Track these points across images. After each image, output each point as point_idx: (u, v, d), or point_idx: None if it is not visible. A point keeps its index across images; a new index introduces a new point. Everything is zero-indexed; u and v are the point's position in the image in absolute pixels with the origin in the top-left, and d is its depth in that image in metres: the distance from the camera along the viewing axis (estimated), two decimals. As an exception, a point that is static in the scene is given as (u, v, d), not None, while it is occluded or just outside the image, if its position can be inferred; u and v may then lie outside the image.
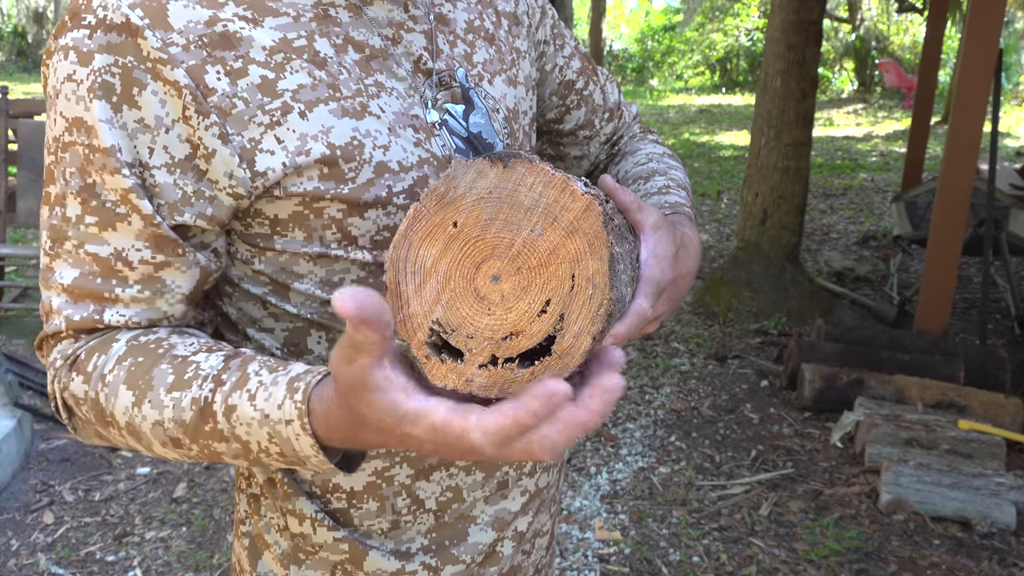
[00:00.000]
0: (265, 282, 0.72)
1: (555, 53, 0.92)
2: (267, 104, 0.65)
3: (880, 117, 13.36)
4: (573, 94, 0.95)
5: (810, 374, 3.39)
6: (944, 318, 3.83)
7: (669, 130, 12.44)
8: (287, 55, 0.67)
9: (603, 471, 3.00)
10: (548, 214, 0.52)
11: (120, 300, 0.66)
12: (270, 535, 0.80)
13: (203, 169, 0.66)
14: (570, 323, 0.52)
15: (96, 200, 0.65)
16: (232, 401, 0.60)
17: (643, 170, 0.92)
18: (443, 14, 0.79)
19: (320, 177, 0.67)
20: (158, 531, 2.60)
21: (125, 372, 0.64)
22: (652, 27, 21.62)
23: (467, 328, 0.52)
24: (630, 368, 3.93)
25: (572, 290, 0.52)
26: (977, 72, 3.57)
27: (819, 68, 4.70)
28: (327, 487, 0.76)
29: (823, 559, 2.49)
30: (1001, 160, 6.28)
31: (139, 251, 0.66)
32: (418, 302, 0.53)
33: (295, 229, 0.69)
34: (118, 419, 0.64)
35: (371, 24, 0.72)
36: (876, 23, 16.89)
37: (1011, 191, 4.85)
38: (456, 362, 0.53)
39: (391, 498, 0.76)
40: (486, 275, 0.52)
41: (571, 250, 0.51)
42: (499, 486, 0.81)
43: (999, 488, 2.68)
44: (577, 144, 0.99)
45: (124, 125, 0.64)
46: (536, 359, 0.53)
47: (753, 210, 4.71)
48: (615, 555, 2.52)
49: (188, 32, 0.64)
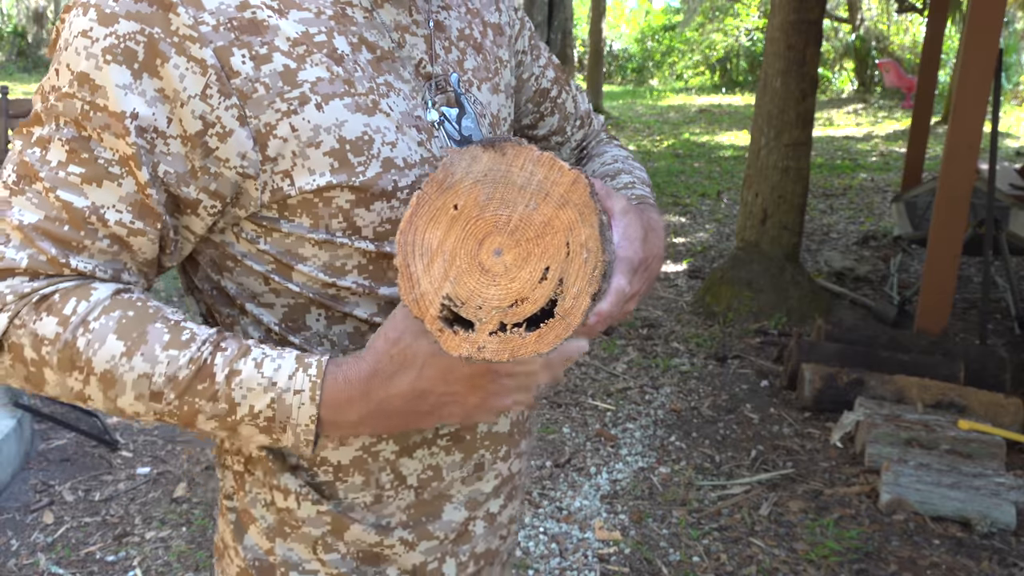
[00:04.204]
0: (269, 260, 0.74)
1: (532, 63, 0.98)
2: (287, 92, 0.68)
3: (880, 117, 13.36)
4: (547, 102, 1.00)
5: (810, 374, 3.39)
6: (944, 318, 3.84)
7: (669, 130, 12.44)
8: (308, 48, 0.70)
9: (603, 471, 3.00)
10: (540, 190, 0.56)
11: (87, 249, 0.67)
12: (256, 510, 0.82)
13: (212, 147, 0.67)
14: (569, 286, 0.57)
15: (88, 153, 0.66)
16: (237, 366, 0.67)
17: (610, 169, 0.98)
18: (440, 21, 0.82)
19: (332, 171, 0.70)
20: (158, 531, 2.60)
21: (115, 323, 0.66)
22: (652, 27, 21.61)
23: (476, 300, 0.57)
24: (630, 368, 3.93)
25: (568, 256, 0.56)
26: (977, 72, 3.57)
27: (819, 68, 4.70)
28: (314, 460, 0.79)
29: (823, 559, 2.49)
30: (1001, 160, 6.28)
31: (119, 213, 0.67)
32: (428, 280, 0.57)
33: (302, 215, 0.71)
34: (95, 366, 0.66)
35: (381, 27, 0.76)
36: (876, 23, 16.89)
37: (1011, 191, 4.85)
38: (468, 332, 0.57)
39: (376, 473, 0.80)
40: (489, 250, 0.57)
41: (564, 220, 0.56)
42: (476, 468, 0.85)
43: (999, 488, 2.68)
44: (549, 149, 1.04)
45: (144, 92, 0.65)
46: (541, 322, 0.57)
47: (753, 210, 4.71)
48: (615, 555, 2.52)
49: (220, 14, 0.66)
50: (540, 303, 0.57)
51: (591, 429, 3.32)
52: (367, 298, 0.76)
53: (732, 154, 10.11)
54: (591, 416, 3.44)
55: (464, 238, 0.57)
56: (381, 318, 0.76)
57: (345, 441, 0.78)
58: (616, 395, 3.64)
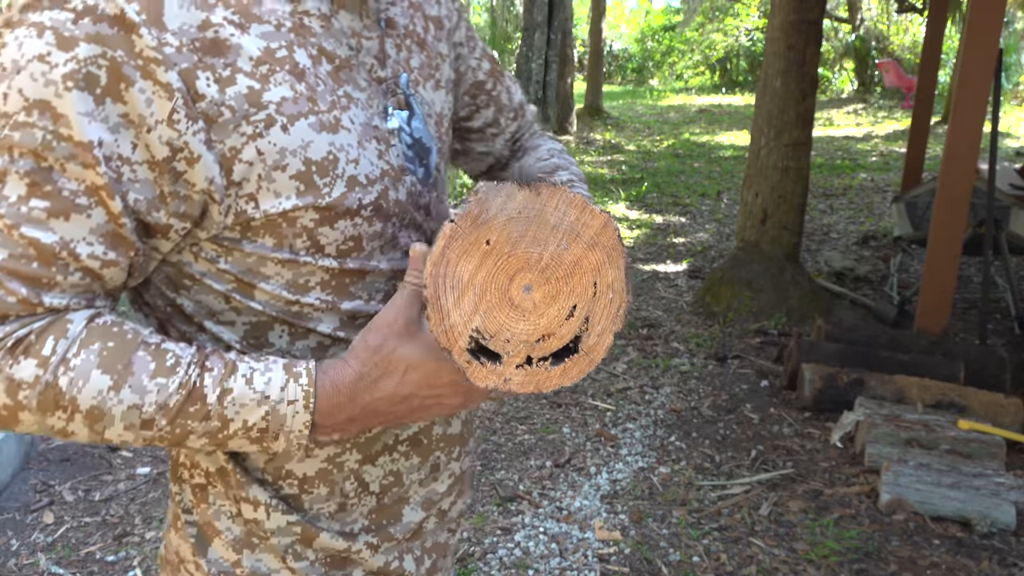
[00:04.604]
0: (230, 279, 0.73)
1: (469, 54, 0.97)
2: (252, 115, 0.67)
3: (880, 117, 13.36)
4: (483, 94, 1.01)
5: (810, 374, 3.39)
6: (944, 318, 3.83)
7: (669, 130, 12.44)
8: (271, 66, 0.68)
9: (603, 471, 3.00)
10: (572, 231, 0.58)
11: (59, 285, 0.64)
12: (220, 522, 0.81)
13: (181, 171, 0.66)
14: (594, 324, 0.60)
15: (51, 186, 0.62)
16: (228, 385, 0.67)
17: (547, 165, 0.99)
18: (391, 18, 0.81)
19: (297, 194, 0.69)
20: (158, 531, 2.60)
21: (97, 356, 0.65)
22: (652, 27, 21.62)
23: (504, 333, 0.59)
24: (630, 368, 3.93)
25: (595, 296, 0.59)
26: (977, 72, 3.57)
27: (819, 68, 4.70)
28: (279, 474, 0.79)
29: (823, 559, 2.49)
30: (1001, 160, 6.28)
31: (90, 245, 0.64)
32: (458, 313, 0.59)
33: (265, 235, 0.71)
34: (80, 403, 0.64)
35: (339, 34, 0.74)
36: (876, 23, 16.89)
37: (1011, 191, 4.85)
38: (495, 364, 0.60)
39: (340, 482, 0.81)
40: (519, 286, 0.58)
41: (592, 261, 0.59)
42: (432, 469, 0.87)
43: (999, 488, 2.68)
44: (484, 141, 1.05)
45: (106, 118, 0.62)
46: (566, 357, 0.60)
47: (753, 210, 4.71)
48: (615, 555, 2.52)
49: (182, 34, 0.64)
50: (566, 339, 0.60)
51: (591, 429, 3.32)
52: (330, 313, 0.76)
53: (732, 154, 10.11)
54: (591, 416, 3.44)
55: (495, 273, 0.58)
56: (344, 332, 0.77)
57: (310, 453, 0.79)
58: (616, 395, 3.64)
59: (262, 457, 0.79)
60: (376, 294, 0.78)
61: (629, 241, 6.21)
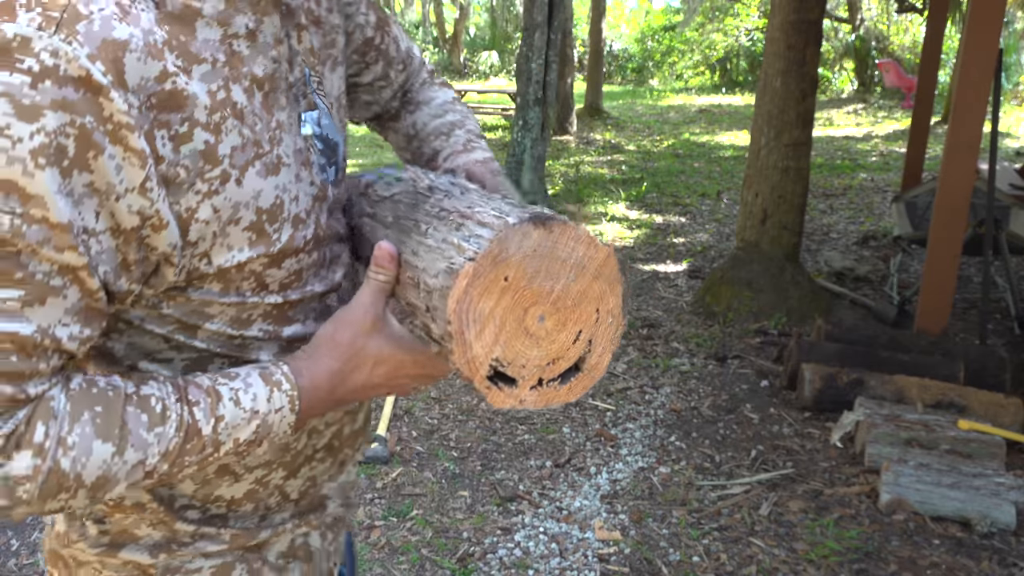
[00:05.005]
0: (171, 322, 0.71)
1: (356, 12, 0.94)
2: (207, 172, 0.63)
3: (880, 117, 13.35)
4: (372, 50, 0.98)
5: (810, 374, 3.39)
6: (944, 318, 3.83)
7: (669, 130, 12.44)
8: (222, 114, 0.65)
9: (603, 471, 3.00)
10: (579, 264, 0.64)
11: (40, 373, 0.60)
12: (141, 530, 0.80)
13: (145, 237, 0.62)
14: (596, 346, 0.66)
15: (22, 272, 0.56)
16: (219, 413, 0.68)
17: (443, 124, 1.01)
18: (289, 4, 0.75)
19: (250, 244, 0.68)
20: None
21: (91, 427, 0.61)
22: (652, 27, 21.62)
23: (520, 360, 0.64)
24: (630, 368, 3.93)
25: (597, 321, 0.66)
26: (977, 72, 3.57)
27: (819, 68, 4.70)
28: (208, 498, 0.80)
29: (823, 559, 2.48)
30: (1001, 160, 6.28)
31: (67, 327, 0.60)
32: (479, 345, 0.63)
33: (213, 282, 0.69)
34: (86, 478, 0.62)
35: (264, 49, 0.70)
36: (876, 23, 16.89)
37: (1011, 191, 4.85)
38: (511, 388, 0.65)
39: (265, 499, 0.83)
40: (534, 316, 0.64)
41: (596, 290, 0.65)
42: (340, 464, 0.90)
43: (999, 488, 2.68)
44: (371, 93, 1.03)
45: (71, 191, 0.56)
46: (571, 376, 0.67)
47: (753, 210, 4.71)
48: (615, 555, 2.52)
49: (141, 91, 0.59)
50: (572, 360, 0.66)
51: (591, 429, 3.32)
52: (271, 342, 0.76)
53: (732, 154, 10.11)
54: (591, 416, 3.44)
55: (512, 306, 0.63)
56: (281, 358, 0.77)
57: (239, 478, 0.80)
58: (616, 395, 3.64)
59: (190, 485, 0.79)
60: (311, 314, 0.79)
61: (629, 241, 6.21)
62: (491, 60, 22.87)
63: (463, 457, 3.10)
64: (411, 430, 3.30)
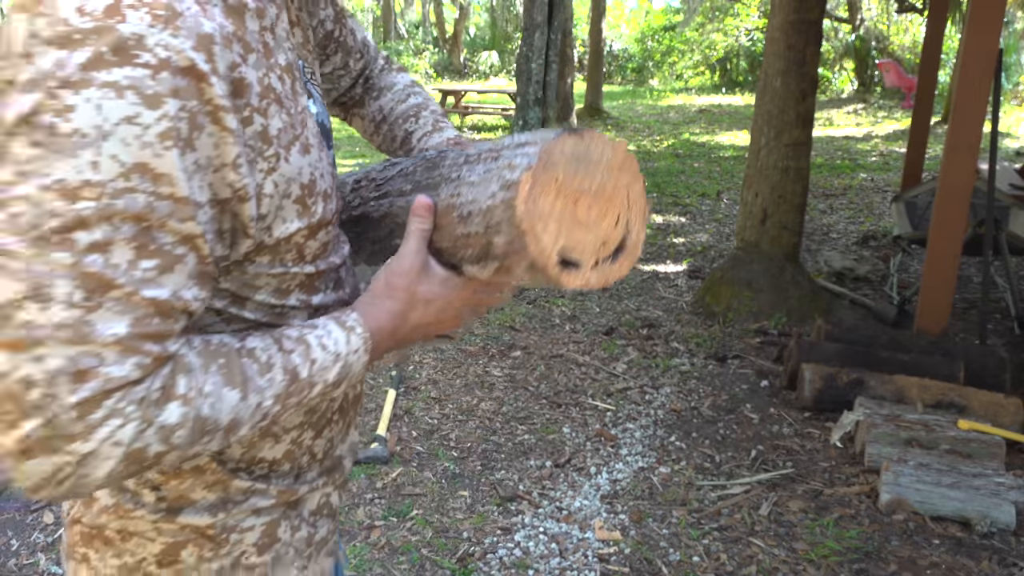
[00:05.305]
0: (226, 295, 0.78)
1: (316, 8, 1.01)
2: (266, 151, 0.71)
3: (880, 117, 13.36)
4: (332, 43, 1.06)
5: (810, 374, 3.39)
6: (944, 318, 3.84)
7: (669, 130, 12.44)
8: (267, 100, 0.72)
9: (603, 471, 3.00)
10: (608, 162, 0.76)
11: (175, 333, 0.67)
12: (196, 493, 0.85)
13: (235, 209, 0.70)
14: (632, 226, 0.78)
15: (154, 244, 0.64)
16: (313, 356, 0.77)
17: (409, 107, 1.11)
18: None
19: (298, 216, 0.77)
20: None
21: (220, 377, 0.71)
22: (652, 27, 21.63)
23: (580, 246, 0.75)
24: (630, 368, 3.93)
25: (629, 207, 0.78)
26: (977, 72, 3.57)
27: (819, 68, 4.70)
28: (253, 460, 0.87)
29: (823, 559, 2.49)
30: (1001, 160, 6.28)
31: (189, 289, 0.67)
32: (547, 237, 0.73)
33: (265, 255, 0.77)
34: (222, 422, 0.70)
35: (281, 39, 0.77)
36: (876, 23, 16.90)
37: (1011, 191, 4.85)
38: (577, 271, 0.76)
39: (299, 458, 0.91)
40: (583, 207, 0.75)
41: (624, 181, 0.77)
42: (348, 426, 0.99)
43: (999, 488, 2.68)
44: (331, 82, 1.12)
45: (186, 168, 0.64)
46: (618, 254, 0.78)
47: (753, 210, 4.71)
48: (615, 555, 2.52)
49: (226, 79, 0.66)
50: (617, 241, 0.78)
51: (591, 429, 3.32)
52: (303, 311, 0.84)
53: (732, 154, 10.11)
54: (591, 416, 3.44)
55: (566, 202, 0.74)
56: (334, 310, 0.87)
57: (279, 439, 0.88)
58: (616, 395, 3.64)
59: (238, 449, 0.85)
60: (331, 283, 0.87)
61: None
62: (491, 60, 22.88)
63: (463, 457, 3.10)
64: (411, 430, 3.30)
